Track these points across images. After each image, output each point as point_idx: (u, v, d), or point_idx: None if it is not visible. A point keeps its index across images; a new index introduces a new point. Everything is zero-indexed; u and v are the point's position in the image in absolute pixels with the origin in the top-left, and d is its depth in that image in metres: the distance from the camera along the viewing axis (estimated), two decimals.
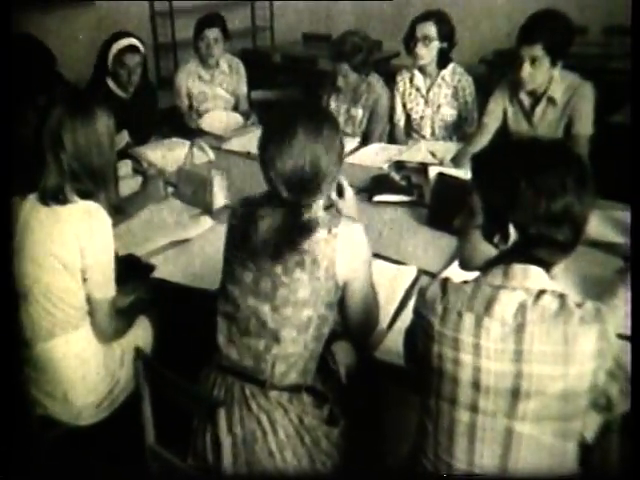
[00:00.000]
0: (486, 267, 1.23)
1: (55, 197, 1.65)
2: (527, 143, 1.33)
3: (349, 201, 1.69)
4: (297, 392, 1.51)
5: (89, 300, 1.73)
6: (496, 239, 1.20)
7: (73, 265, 1.66)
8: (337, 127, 1.51)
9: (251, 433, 1.48)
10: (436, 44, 2.98)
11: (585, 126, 2.54)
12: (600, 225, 1.97)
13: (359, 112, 3.22)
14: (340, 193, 1.69)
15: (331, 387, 1.58)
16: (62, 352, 1.73)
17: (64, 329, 1.72)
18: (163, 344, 1.94)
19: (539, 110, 2.61)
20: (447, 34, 3.00)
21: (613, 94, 2.59)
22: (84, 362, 1.75)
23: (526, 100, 2.64)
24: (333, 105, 3.29)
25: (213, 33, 3.36)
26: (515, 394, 1.16)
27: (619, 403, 1.22)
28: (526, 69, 2.47)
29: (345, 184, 1.70)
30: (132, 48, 2.98)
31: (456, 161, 2.69)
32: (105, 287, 1.72)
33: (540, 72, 2.48)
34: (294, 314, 1.47)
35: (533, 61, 2.45)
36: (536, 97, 2.60)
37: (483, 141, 2.71)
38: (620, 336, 1.26)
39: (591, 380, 1.16)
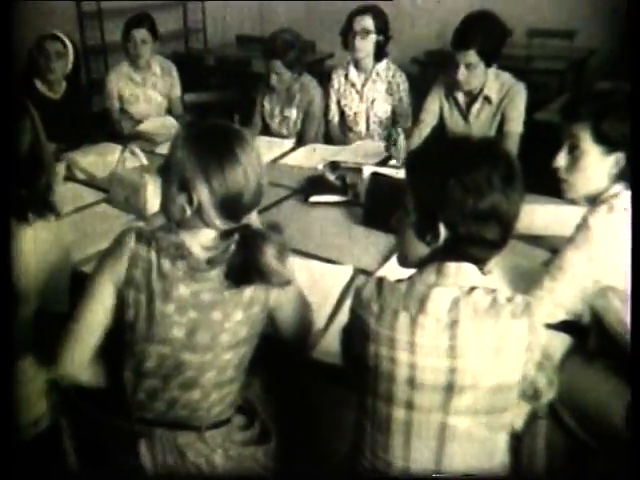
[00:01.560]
0: (421, 265, 1.25)
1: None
2: (456, 142, 1.35)
3: (254, 215, 1.50)
4: (229, 422, 1.46)
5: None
6: (428, 238, 1.21)
7: (35, 287, 1.56)
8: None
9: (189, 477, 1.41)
10: (373, 37, 3.03)
11: (516, 124, 2.64)
12: (527, 218, 2.04)
13: (293, 113, 3.23)
14: None
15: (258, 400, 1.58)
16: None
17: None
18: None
19: (475, 108, 2.70)
20: (383, 27, 3.06)
21: (536, 93, 2.69)
22: (25, 386, 1.67)
23: (462, 99, 2.73)
24: (267, 106, 3.29)
25: (140, 34, 3.31)
26: (449, 389, 1.18)
27: (546, 392, 1.27)
28: (462, 73, 2.56)
29: None
30: (53, 36, 3.01)
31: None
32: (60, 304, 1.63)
33: (475, 75, 2.57)
34: (234, 355, 1.40)
35: (468, 65, 2.53)
36: (473, 96, 2.69)
37: (420, 137, 2.79)
38: (546, 326, 1.31)
39: (521, 373, 1.19)
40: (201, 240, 1.37)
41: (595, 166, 1.57)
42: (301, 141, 3.21)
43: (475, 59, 2.51)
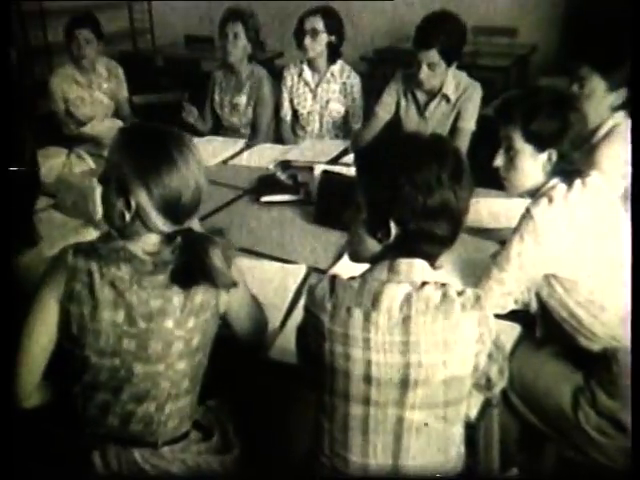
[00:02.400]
0: (373, 261, 1.26)
1: None
2: (406, 139, 1.37)
3: (195, 221, 1.50)
4: (187, 436, 1.45)
5: None
6: (379, 235, 1.22)
7: None
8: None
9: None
10: (324, 37, 3.04)
11: (469, 122, 2.70)
12: (475, 212, 2.08)
13: (243, 99, 3.23)
14: None
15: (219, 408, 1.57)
16: None
17: None
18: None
19: (432, 105, 2.74)
20: (335, 27, 3.06)
21: (483, 89, 2.75)
22: None
23: (421, 95, 2.76)
24: (217, 98, 3.30)
25: (84, 34, 3.24)
26: (404, 384, 1.20)
27: (498, 382, 1.30)
28: (424, 72, 2.60)
29: None
30: None
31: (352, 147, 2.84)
32: None
33: (437, 74, 2.61)
34: (188, 364, 1.38)
35: (430, 65, 2.57)
36: (432, 94, 2.73)
37: (374, 130, 2.82)
38: (496, 316, 1.34)
39: (473, 364, 1.22)
40: (144, 246, 1.35)
41: (529, 164, 1.64)
42: (255, 130, 3.21)
43: (437, 58, 2.55)
